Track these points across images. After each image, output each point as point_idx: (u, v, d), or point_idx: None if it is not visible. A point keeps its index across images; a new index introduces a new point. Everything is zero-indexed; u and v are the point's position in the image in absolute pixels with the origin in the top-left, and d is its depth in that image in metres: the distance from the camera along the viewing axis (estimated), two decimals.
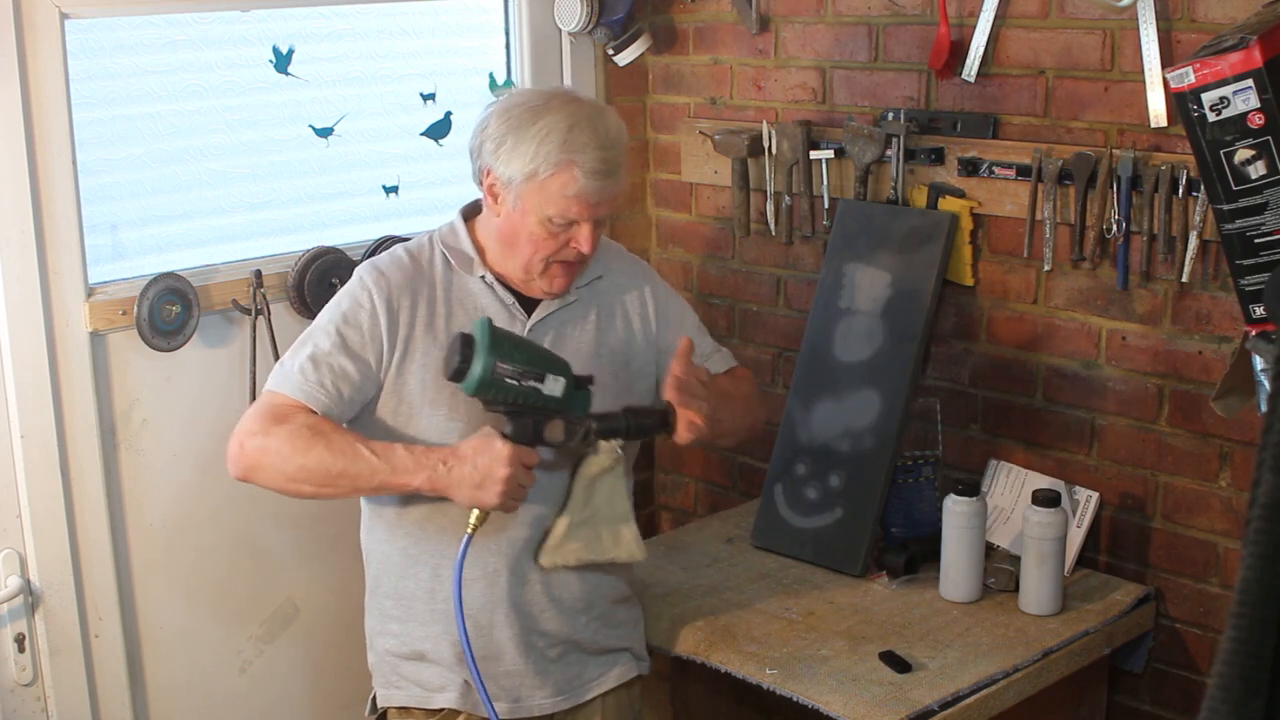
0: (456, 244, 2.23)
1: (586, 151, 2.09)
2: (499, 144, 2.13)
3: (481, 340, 2.02)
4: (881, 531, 2.60)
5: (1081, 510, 2.52)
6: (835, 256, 2.74)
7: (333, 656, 2.79)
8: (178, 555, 2.58)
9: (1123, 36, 2.37)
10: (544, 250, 2.15)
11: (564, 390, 2.08)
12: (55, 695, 2.42)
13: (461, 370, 2.02)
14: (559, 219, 2.12)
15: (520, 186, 2.12)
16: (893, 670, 2.21)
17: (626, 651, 2.34)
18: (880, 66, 2.73)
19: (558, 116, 2.11)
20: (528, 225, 2.14)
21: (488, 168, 2.15)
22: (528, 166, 2.10)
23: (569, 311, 2.26)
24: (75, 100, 2.34)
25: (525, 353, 2.06)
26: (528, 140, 2.10)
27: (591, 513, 2.17)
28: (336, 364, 2.11)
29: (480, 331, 2.04)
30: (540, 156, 2.09)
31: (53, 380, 2.35)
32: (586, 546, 2.17)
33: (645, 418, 2.16)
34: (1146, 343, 2.45)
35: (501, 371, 2.02)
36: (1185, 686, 2.49)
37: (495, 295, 2.21)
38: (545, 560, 2.17)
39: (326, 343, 2.13)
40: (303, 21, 2.65)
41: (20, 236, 2.28)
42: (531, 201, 2.12)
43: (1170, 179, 2.31)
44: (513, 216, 2.15)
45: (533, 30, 2.98)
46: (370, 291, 2.15)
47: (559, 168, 2.09)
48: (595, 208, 2.14)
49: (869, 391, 2.62)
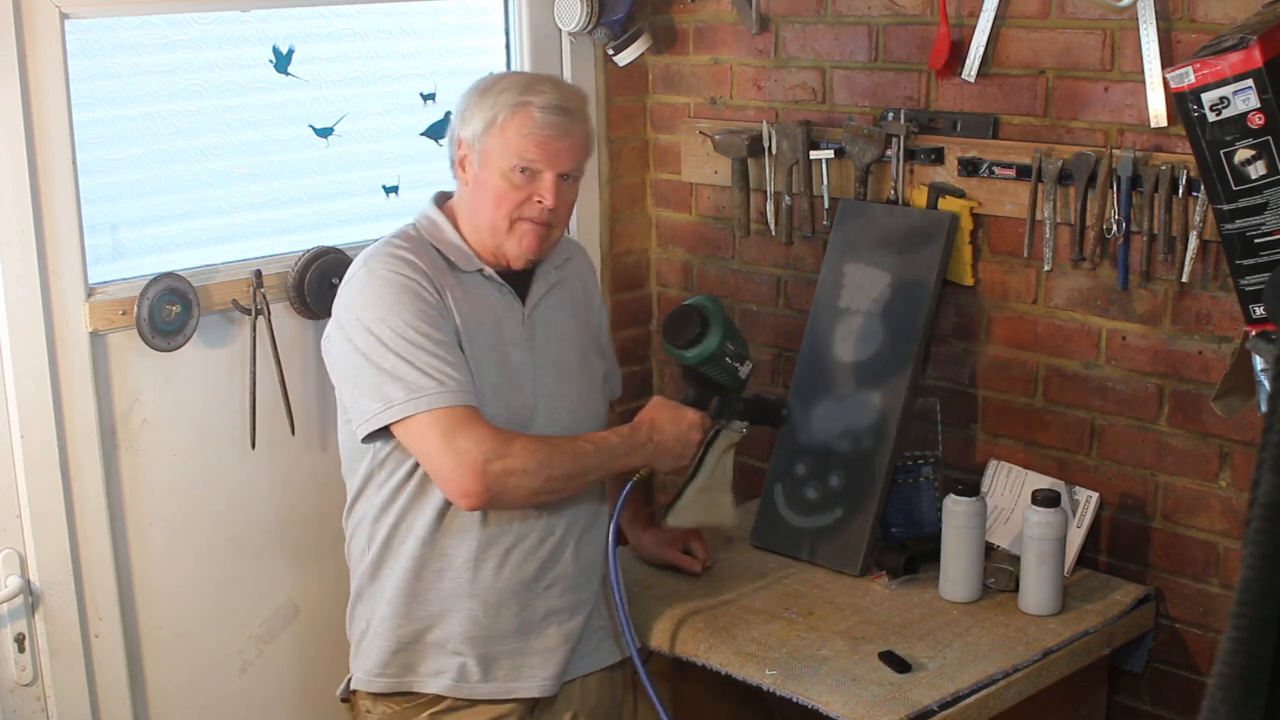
0: (446, 239, 2.24)
1: (540, 92, 2.16)
2: (464, 110, 2.21)
3: (716, 318, 2.23)
4: (881, 531, 2.60)
5: (1081, 510, 2.52)
6: (835, 256, 2.74)
7: (333, 656, 2.79)
8: (178, 555, 2.58)
9: (1123, 36, 2.37)
10: (507, 203, 2.16)
11: (748, 374, 2.32)
12: (55, 695, 2.42)
13: (694, 341, 2.23)
14: (518, 164, 2.14)
15: (481, 141, 2.16)
16: (893, 670, 2.21)
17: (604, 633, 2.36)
18: (880, 66, 2.73)
19: (518, 77, 2.28)
20: (491, 180, 2.16)
21: (457, 139, 2.21)
22: (486, 115, 2.16)
23: (556, 294, 2.31)
24: (75, 100, 2.33)
25: (739, 336, 2.30)
26: (489, 95, 2.18)
27: (713, 481, 2.35)
28: (455, 354, 2.11)
29: (713, 308, 2.24)
30: (499, 104, 2.16)
31: (53, 380, 2.35)
32: (705, 510, 2.38)
33: (771, 407, 2.43)
34: (1146, 343, 2.45)
35: (725, 350, 2.25)
36: (1185, 686, 2.49)
37: (494, 285, 2.23)
38: (673, 520, 2.37)
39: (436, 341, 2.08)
40: (303, 21, 2.65)
41: (20, 236, 2.28)
42: (493, 152, 2.15)
43: (1170, 179, 2.31)
44: (479, 177, 2.19)
45: (533, 30, 2.98)
46: (414, 279, 2.12)
47: (515, 109, 2.15)
48: (554, 150, 2.15)
49: (869, 391, 2.62)
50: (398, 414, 2.06)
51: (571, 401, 2.28)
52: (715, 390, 2.30)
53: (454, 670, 2.23)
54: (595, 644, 2.34)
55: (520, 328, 2.24)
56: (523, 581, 2.23)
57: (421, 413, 2.05)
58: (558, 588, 2.25)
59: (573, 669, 2.31)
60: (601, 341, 2.47)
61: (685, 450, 2.26)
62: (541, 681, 2.26)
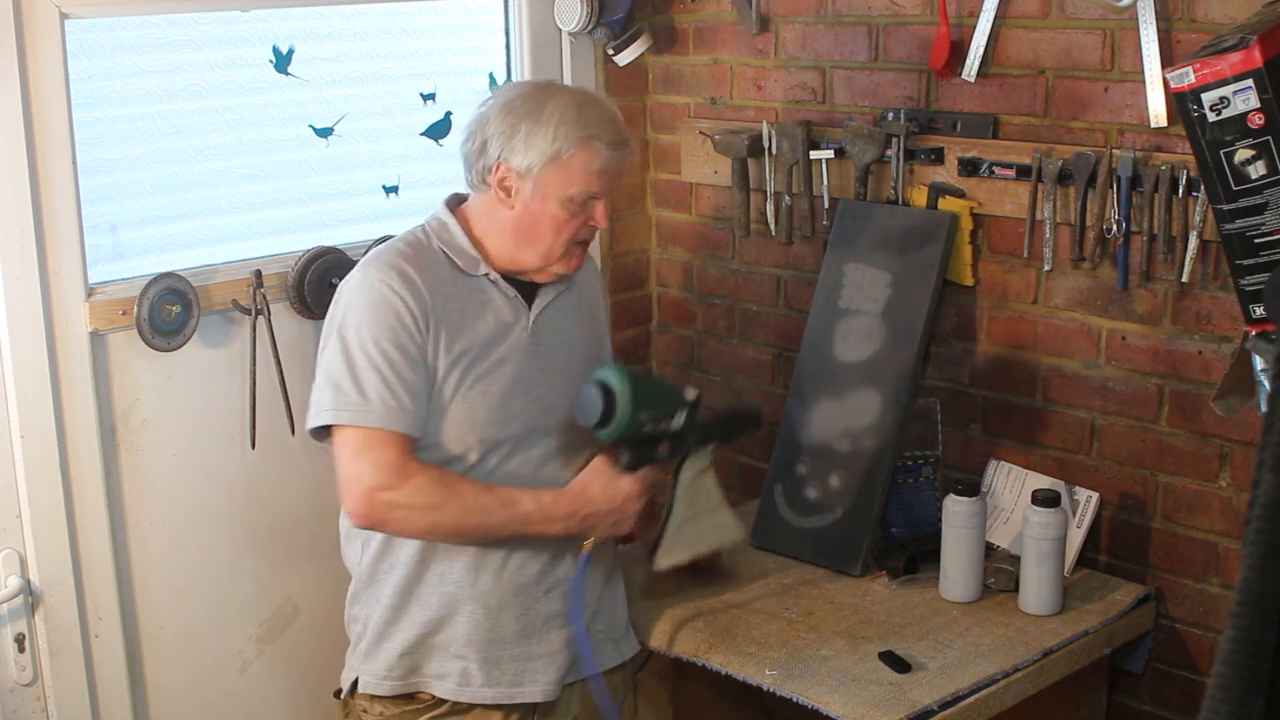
0: (455, 242, 2.22)
1: (603, 125, 2.15)
2: (511, 135, 2.14)
3: (622, 393, 2.09)
4: (881, 531, 2.60)
5: (1081, 510, 2.52)
6: (835, 256, 2.74)
7: (333, 657, 2.78)
8: (178, 555, 2.58)
9: (1123, 36, 2.37)
10: (567, 232, 2.17)
11: (685, 420, 2.18)
12: (55, 695, 2.42)
13: (605, 421, 2.10)
14: (581, 196, 2.15)
15: (541, 172, 2.13)
16: (893, 670, 2.21)
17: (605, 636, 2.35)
18: (880, 66, 2.73)
19: (563, 99, 2.16)
20: (549, 210, 2.15)
21: (499, 162, 2.15)
22: (550, 148, 2.12)
23: (562, 299, 2.30)
24: (75, 100, 2.33)
25: (658, 396, 2.17)
26: (544, 123, 2.12)
27: (694, 511, 2.25)
28: (406, 378, 2.10)
29: (619, 382, 2.10)
30: (561, 136, 2.12)
31: (53, 380, 2.35)
32: (694, 542, 2.27)
33: (740, 420, 2.31)
34: (1146, 343, 2.45)
35: (641, 420, 2.12)
36: (1185, 686, 2.49)
37: (500, 290, 2.22)
38: (664, 561, 2.24)
39: (388, 360, 2.10)
40: (303, 21, 2.65)
41: (20, 236, 2.28)
42: (554, 184, 2.14)
43: (1170, 179, 2.31)
44: (531, 205, 2.16)
45: (533, 30, 2.98)
46: (395, 290, 2.12)
47: (581, 144, 2.13)
48: (614, 180, 2.19)
49: (869, 391, 2.62)
50: (323, 419, 2.11)
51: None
52: (654, 448, 2.19)
53: (456, 674, 2.23)
54: (596, 647, 2.33)
55: (526, 334, 2.23)
56: (524, 584, 2.22)
57: (342, 425, 2.09)
58: (559, 591, 2.25)
59: (574, 672, 2.31)
60: (604, 346, 2.46)
61: (625, 519, 2.19)
62: (544, 686, 2.26)
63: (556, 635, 2.26)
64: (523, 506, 2.13)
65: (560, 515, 2.14)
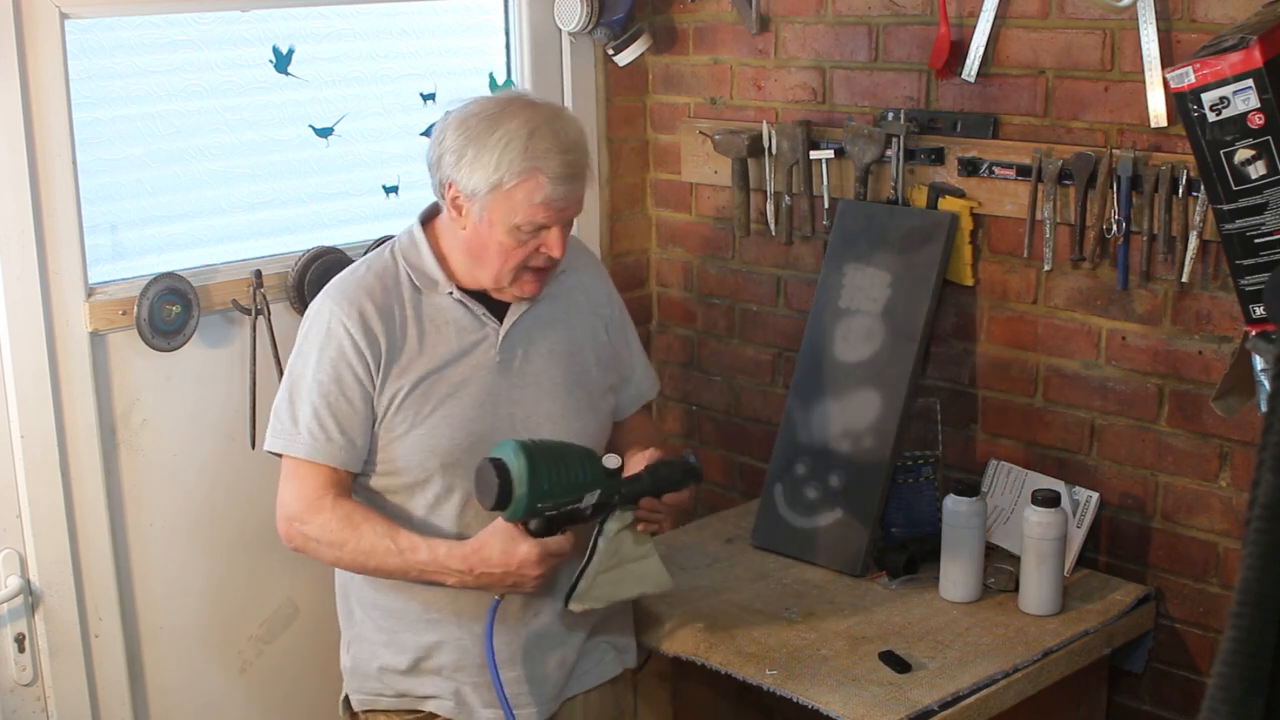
0: (419, 261, 2.18)
1: (550, 157, 2.06)
2: (459, 156, 2.08)
3: (519, 476, 1.99)
4: (881, 531, 2.60)
5: (1081, 510, 2.52)
6: (835, 256, 2.74)
7: (333, 656, 2.78)
8: (178, 555, 2.58)
9: (1123, 36, 2.37)
10: (513, 259, 2.12)
11: (599, 498, 2.07)
12: (55, 695, 2.42)
13: (501, 504, 2.01)
14: (527, 226, 2.09)
15: (485, 198, 2.08)
16: (893, 670, 2.21)
17: (610, 646, 2.34)
18: (880, 66, 2.73)
19: (516, 123, 2.07)
20: (495, 236, 2.10)
21: (449, 180, 2.10)
22: (491, 177, 2.06)
23: (539, 312, 2.23)
24: (75, 100, 2.33)
25: (562, 479, 2.02)
26: (489, 150, 2.05)
27: (617, 560, 2.16)
28: (341, 411, 2.11)
29: (516, 463, 1.99)
30: (504, 166, 2.05)
31: (53, 380, 2.35)
32: (614, 588, 2.17)
33: (669, 473, 2.15)
34: (1146, 343, 2.45)
35: (539, 501, 2.01)
36: (1185, 686, 2.49)
37: (466, 309, 2.18)
38: (576, 606, 2.15)
39: (326, 390, 2.11)
40: (303, 21, 2.65)
41: (20, 236, 2.28)
42: (498, 212, 2.08)
43: (1170, 179, 2.31)
44: (479, 228, 2.11)
45: (533, 30, 2.98)
46: (344, 323, 2.11)
47: (523, 176, 2.05)
48: (562, 212, 2.11)
49: (869, 391, 2.62)
50: (267, 443, 2.18)
51: (554, 423, 2.20)
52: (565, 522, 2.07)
53: (451, 695, 2.21)
54: (597, 659, 2.33)
55: (494, 351, 2.18)
56: (510, 610, 2.18)
57: (288, 455, 2.15)
58: (547, 612, 2.22)
59: (574, 685, 2.30)
60: (614, 352, 2.35)
61: (522, 584, 2.08)
62: (540, 706, 2.24)
63: (549, 657, 2.24)
64: (418, 556, 2.08)
65: (454, 570, 2.08)
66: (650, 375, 2.46)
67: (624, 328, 2.39)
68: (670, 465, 2.16)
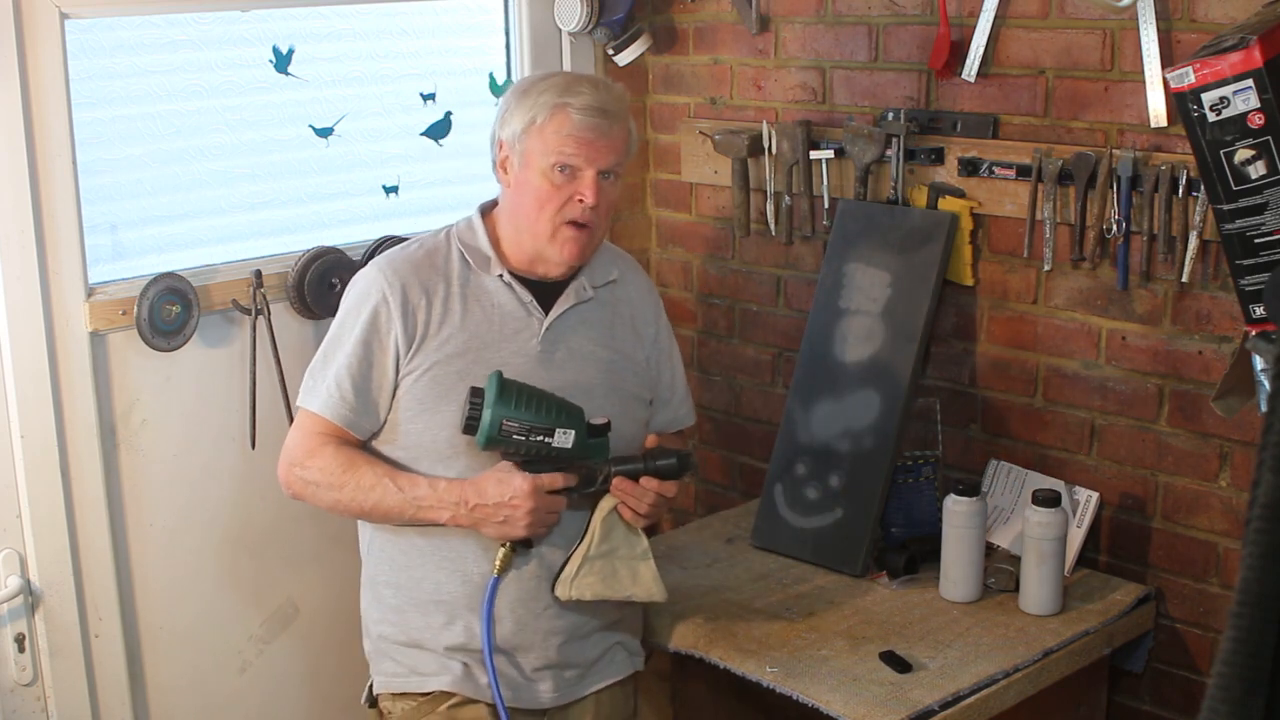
0: (474, 242, 2.25)
1: (579, 95, 2.17)
2: (504, 112, 2.21)
3: (489, 395, 2.08)
4: (881, 531, 2.60)
5: (1081, 510, 2.52)
6: (835, 256, 2.74)
7: (333, 656, 2.79)
8: (178, 555, 2.58)
9: (1123, 36, 2.37)
10: (551, 204, 2.17)
11: (575, 441, 2.13)
12: (55, 695, 2.42)
13: (470, 424, 2.09)
14: (559, 162, 2.15)
15: (522, 142, 2.17)
16: (893, 670, 2.21)
17: (621, 647, 2.34)
18: (880, 66, 2.73)
19: (560, 76, 2.23)
20: (532, 181, 2.17)
21: (498, 140, 2.21)
22: (526, 116, 2.17)
23: (586, 310, 2.27)
24: (75, 100, 2.33)
25: (534, 407, 2.10)
26: (529, 96, 2.18)
27: (609, 549, 2.19)
28: (364, 375, 2.17)
29: (490, 386, 2.09)
30: (538, 105, 2.17)
31: (53, 380, 2.35)
32: (603, 582, 2.19)
33: (665, 459, 2.18)
34: (1146, 343, 2.45)
35: (509, 428, 2.08)
36: (1185, 686, 2.49)
37: (514, 293, 2.22)
38: (560, 592, 2.18)
39: (351, 355, 2.17)
40: (303, 21, 2.65)
41: (20, 236, 2.28)
42: (534, 152, 2.16)
43: (1170, 179, 2.31)
44: (520, 178, 2.19)
45: (533, 30, 2.98)
46: (385, 293, 2.18)
47: (554, 110, 2.16)
48: (593, 149, 2.16)
49: (869, 391, 2.62)
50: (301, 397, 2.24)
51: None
52: (549, 464, 2.13)
53: (460, 671, 2.22)
54: (610, 658, 2.33)
55: (537, 341, 2.21)
56: (520, 598, 2.20)
57: (305, 409, 2.22)
58: (556, 607, 2.22)
59: (588, 683, 2.31)
60: (652, 372, 2.37)
61: (514, 520, 2.11)
62: (549, 694, 2.25)
63: (560, 650, 2.24)
64: (417, 491, 2.14)
65: (450, 502, 2.13)
66: (688, 405, 2.48)
67: (668, 351, 2.42)
68: (668, 453, 2.19)
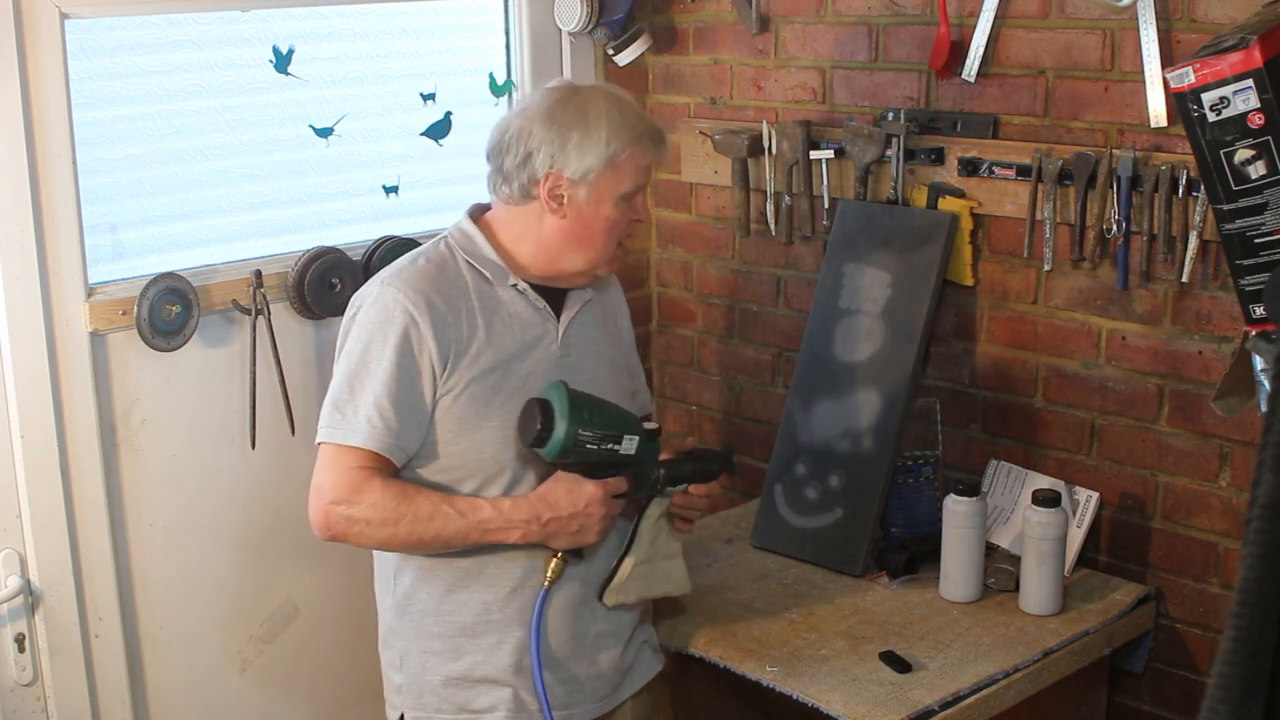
0: (480, 252, 2.19)
1: (642, 122, 2.20)
2: (564, 142, 2.12)
3: (560, 408, 2.06)
4: (881, 531, 2.60)
5: (1081, 510, 2.52)
6: (835, 256, 2.74)
7: (333, 657, 2.79)
8: (178, 555, 2.58)
9: (1123, 36, 2.37)
10: (619, 231, 2.20)
11: (638, 447, 2.14)
12: (55, 695, 2.42)
13: (542, 437, 2.06)
14: (632, 190, 2.18)
15: (600, 174, 2.14)
16: (893, 670, 2.21)
17: (647, 645, 2.35)
18: (880, 66, 2.73)
19: (597, 101, 2.18)
20: (602, 212, 2.16)
21: (551, 171, 2.13)
22: (606, 151, 2.13)
23: (589, 311, 2.28)
24: (75, 100, 2.33)
25: (602, 416, 2.11)
26: (595, 128, 2.13)
27: (654, 552, 2.22)
28: (404, 400, 2.08)
29: (558, 398, 2.07)
30: (616, 139, 2.14)
31: (53, 380, 2.35)
32: (645, 584, 2.22)
33: (710, 462, 2.23)
34: (1146, 343, 2.45)
35: (583, 438, 2.08)
36: (1185, 686, 2.49)
37: (528, 301, 2.19)
38: (610, 599, 2.20)
39: (387, 381, 2.08)
40: (303, 21, 2.65)
41: (20, 236, 2.28)
42: (608, 185, 2.15)
43: (1170, 179, 2.31)
44: (584, 210, 2.15)
45: (533, 30, 2.98)
46: (412, 314, 2.09)
47: (631, 143, 2.15)
48: (650, 174, 2.25)
49: (869, 391, 2.62)
50: (323, 435, 2.11)
51: None
52: (607, 470, 2.14)
53: (507, 703, 2.19)
54: (642, 659, 2.33)
55: (555, 346, 2.21)
56: (570, 604, 2.19)
57: (339, 445, 2.09)
58: (602, 611, 2.22)
59: (626, 688, 2.30)
60: (627, 359, 2.41)
61: (588, 528, 2.12)
62: (593, 706, 2.24)
63: (605, 656, 2.24)
64: (481, 514, 2.09)
65: (520, 520, 2.09)
66: (647, 392, 2.52)
67: (632, 339, 2.46)
68: (709, 454, 2.25)
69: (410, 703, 2.23)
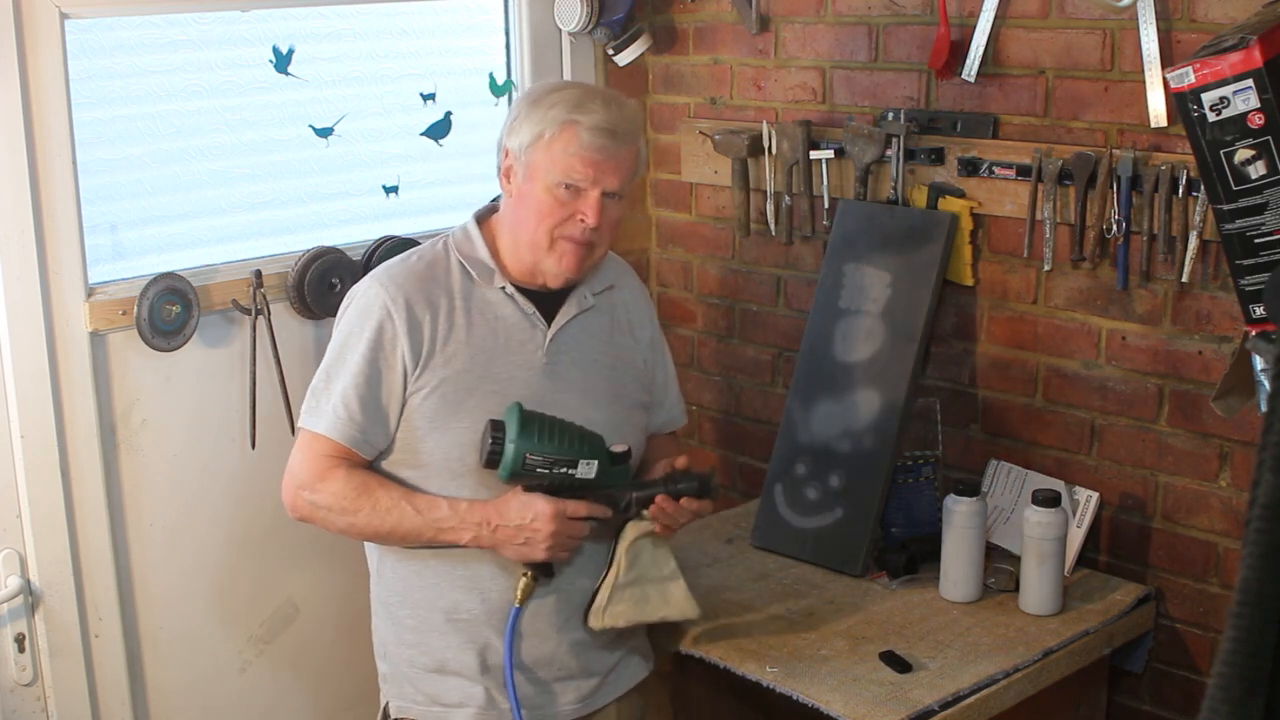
0: (473, 253, 2.21)
1: (590, 113, 2.12)
2: (514, 119, 2.17)
3: (511, 429, 2.06)
4: (881, 531, 2.60)
5: (1081, 510, 2.52)
6: (835, 256, 2.74)
7: (333, 657, 2.79)
8: (178, 555, 2.58)
9: (1123, 36, 2.37)
10: (550, 219, 2.13)
11: (598, 471, 2.12)
12: (55, 695, 2.42)
13: (493, 459, 2.06)
14: (565, 181, 2.12)
15: (528, 154, 2.13)
16: (893, 670, 2.21)
17: (635, 652, 2.34)
18: (880, 66, 2.73)
19: (574, 90, 2.17)
20: (535, 193, 2.14)
21: (505, 147, 2.18)
22: (535, 129, 2.13)
23: (587, 319, 2.25)
24: (75, 100, 2.33)
25: (557, 439, 2.09)
26: (539, 108, 2.14)
27: (638, 574, 2.19)
28: (372, 394, 2.12)
29: (511, 420, 2.07)
30: (548, 120, 2.12)
31: (53, 380, 2.35)
32: (635, 607, 2.19)
33: (686, 484, 2.17)
34: (1146, 343, 2.45)
35: (532, 461, 2.07)
36: (1185, 686, 2.49)
37: (516, 305, 2.19)
38: (594, 623, 2.18)
39: (356, 374, 2.12)
40: (303, 21, 2.65)
41: (20, 236, 2.28)
42: (539, 166, 2.13)
43: (1170, 179, 2.31)
44: (523, 189, 2.16)
45: (533, 30, 2.98)
46: (389, 309, 2.13)
47: (563, 126, 2.12)
48: (600, 169, 2.12)
49: (869, 391, 2.62)
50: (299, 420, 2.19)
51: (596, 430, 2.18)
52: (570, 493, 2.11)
53: (480, 700, 2.20)
54: (625, 664, 2.33)
55: (541, 353, 2.20)
56: (542, 613, 2.19)
57: (309, 430, 2.16)
58: (576, 619, 2.22)
59: (606, 694, 2.30)
60: (649, 374, 2.36)
61: (534, 542, 2.09)
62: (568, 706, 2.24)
63: (577, 662, 2.23)
64: (438, 512, 2.11)
65: (472, 523, 2.10)
66: (681, 406, 2.48)
67: (661, 353, 2.42)
68: (689, 476, 2.18)
69: (393, 692, 2.27)
